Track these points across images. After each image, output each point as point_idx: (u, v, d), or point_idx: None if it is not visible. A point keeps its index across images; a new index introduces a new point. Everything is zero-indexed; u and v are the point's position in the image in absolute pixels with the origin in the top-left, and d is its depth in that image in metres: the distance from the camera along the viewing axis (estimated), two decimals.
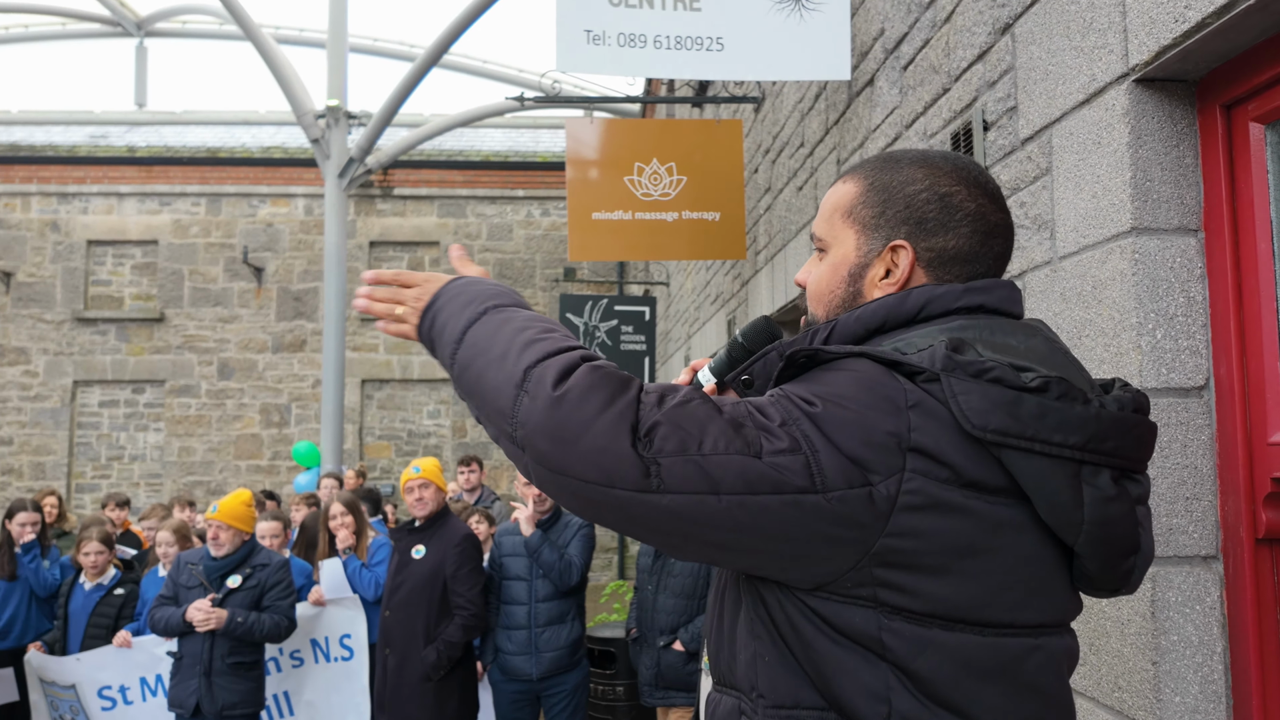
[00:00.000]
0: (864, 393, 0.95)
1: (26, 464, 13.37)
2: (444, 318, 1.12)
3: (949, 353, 0.96)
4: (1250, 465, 1.67)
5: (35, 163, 13.77)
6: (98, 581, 5.35)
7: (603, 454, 0.90)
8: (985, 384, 0.95)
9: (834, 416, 0.93)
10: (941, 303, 1.08)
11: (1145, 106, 1.78)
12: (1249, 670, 1.66)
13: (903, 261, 1.12)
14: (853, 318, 1.09)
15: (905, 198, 1.13)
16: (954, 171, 1.14)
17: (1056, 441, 0.95)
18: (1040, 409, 0.95)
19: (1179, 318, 1.75)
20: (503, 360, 0.99)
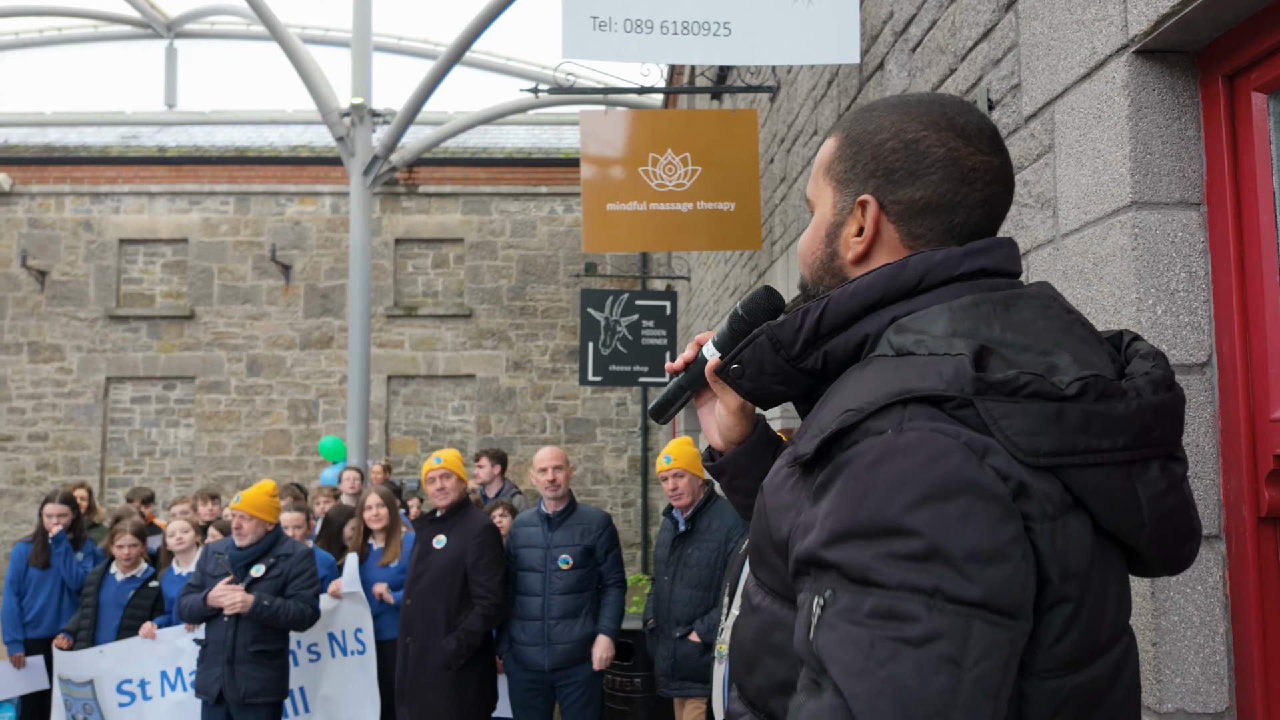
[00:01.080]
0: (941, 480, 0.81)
1: (61, 459, 13.62)
2: None
3: (978, 374, 0.86)
4: (1253, 442, 1.64)
5: (68, 163, 14.01)
6: (130, 574, 5.44)
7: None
8: (1023, 401, 0.86)
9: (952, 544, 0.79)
10: (942, 270, 0.99)
11: (1145, 78, 1.75)
12: (1251, 651, 1.63)
13: (869, 216, 1.04)
14: (846, 294, 1.00)
15: (873, 148, 1.05)
16: (925, 115, 1.04)
17: (1106, 448, 0.89)
18: (1084, 417, 0.88)
19: (1180, 293, 1.72)
20: None
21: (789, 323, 1.03)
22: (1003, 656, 0.78)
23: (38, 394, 13.70)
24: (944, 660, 0.75)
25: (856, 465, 0.84)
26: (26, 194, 13.92)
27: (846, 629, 0.79)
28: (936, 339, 0.92)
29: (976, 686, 0.76)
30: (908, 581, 0.78)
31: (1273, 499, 1.60)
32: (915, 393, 0.86)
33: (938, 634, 0.76)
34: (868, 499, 0.82)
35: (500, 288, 13.92)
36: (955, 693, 0.75)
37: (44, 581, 5.71)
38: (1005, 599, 0.78)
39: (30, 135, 14.83)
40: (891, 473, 0.82)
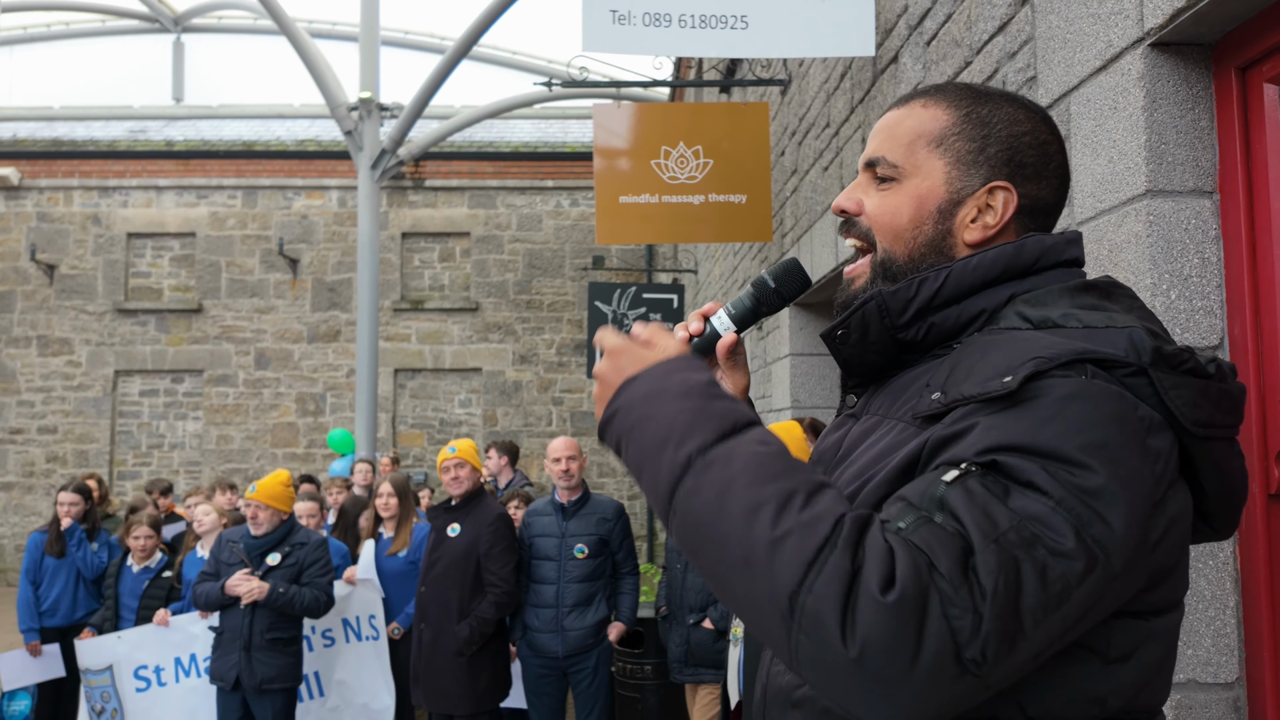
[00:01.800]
0: (1121, 438, 0.85)
1: (70, 452, 13.71)
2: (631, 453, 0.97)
3: (1155, 344, 0.91)
4: (1264, 422, 1.70)
5: (77, 157, 14.08)
6: (145, 564, 5.50)
7: (930, 694, 0.77)
8: (1185, 375, 0.92)
9: (1114, 493, 0.83)
10: (1052, 254, 1.04)
11: (1160, 70, 1.80)
12: (1261, 624, 1.68)
13: (1001, 205, 1.05)
14: (970, 267, 1.01)
15: (1009, 137, 1.06)
16: (1047, 120, 1.10)
17: (1229, 424, 0.96)
18: (1220, 395, 0.95)
19: (1193, 278, 1.77)
20: (747, 567, 0.82)
21: (901, 291, 1.03)
22: (1094, 603, 0.84)
23: (47, 387, 13.78)
24: (1065, 583, 0.80)
25: (1048, 397, 0.86)
26: (35, 188, 13.99)
27: (987, 500, 0.81)
28: (1084, 314, 0.97)
29: (1074, 615, 0.82)
30: (1068, 503, 0.82)
31: None
32: (1094, 354, 0.89)
33: (1074, 558, 0.80)
34: (1052, 425, 0.85)
35: (506, 281, 13.98)
36: (1058, 609, 0.80)
37: (59, 571, 5.77)
38: (1124, 561, 0.84)
39: (39, 130, 14.90)
40: (1082, 410, 0.85)
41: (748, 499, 0.83)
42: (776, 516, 0.82)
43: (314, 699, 5.42)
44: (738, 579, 0.83)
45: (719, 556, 0.84)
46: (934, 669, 0.76)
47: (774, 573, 0.80)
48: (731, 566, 0.83)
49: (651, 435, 0.93)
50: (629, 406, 0.97)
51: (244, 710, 4.70)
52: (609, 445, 1.01)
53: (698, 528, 0.87)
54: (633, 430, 0.96)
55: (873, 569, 0.78)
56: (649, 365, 1.00)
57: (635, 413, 0.96)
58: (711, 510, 0.85)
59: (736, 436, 0.90)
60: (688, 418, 0.92)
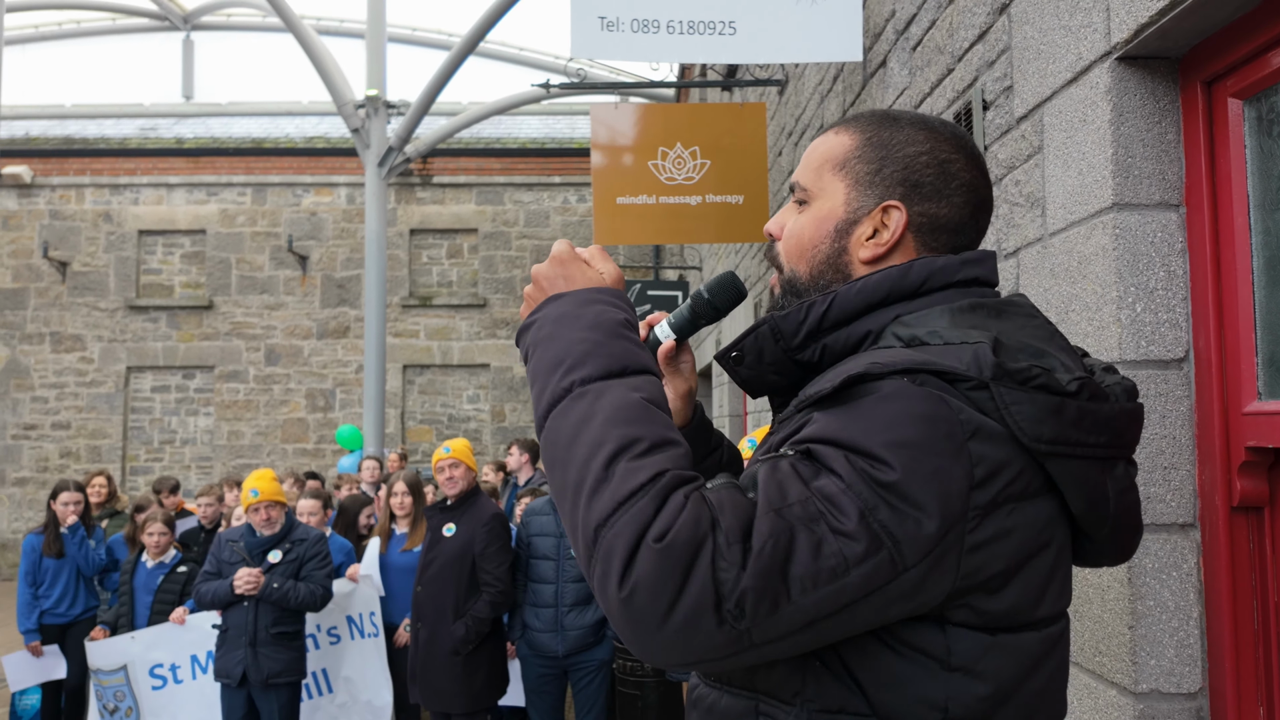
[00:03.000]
0: (928, 437, 0.89)
1: (83, 447, 13.85)
2: (532, 364, 1.03)
3: (997, 359, 0.93)
4: (1227, 435, 1.71)
5: (88, 155, 14.19)
6: (159, 560, 5.57)
7: (687, 640, 0.83)
8: (1032, 391, 0.93)
9: (908, 488, 0.87)
10: (941, 275, 1.06)
11: (1127, 84, 1.81)
12: (1223, 634, 1.70)
13: (894, 223, 1.09)
14: (853, 291, 1.05)
15: (905, 158, 1.10)
16: (953, 139, 1.12)
17: (1091, 443, 0.97)
18: (1079, 413, 0.95)
19: (1159, 291, 1.78)
20: (577, 493, 0.90)
21: (792, 315, 1.07)
22: (881, 588, 0.87)
23: (60, 383, 13.92)
24: (841, 559, 0.85)
25: (867, 397, 0.92)
26: (47, 186, 14.12)
27: (788, 477, 0.89)
28: (949, 331, 0.99)
29: (850, 594, 0.86)
30: (857, 487, 0.87)
31: (1244, 489, 1.67)
32: (934, 366, 0.93)
33: (855, 538, 0.85)
34: (862, 421, 0.90)
35: (514, 277, 14.01)
36: (828, 583, 0.85)
37: (60, 570, 5.84)
38: (913, 553, 0.87)
39: (50, 128, 15.02)
40: (893, 410, 0.90)
41: (597, 434, 0.91)
42: (613, 456, 0.89)
43: (322, 695, 5.48)
44: (569, 502, 0.91)
45: (562, 478, 0.92)
46: (692, 614, 0.82)
47: (592, 505, 0.87)
48: (567, 489, 0.91)
49: (551, 355, 1.00)
50: (544, 321, 1.05)
51: (249, 706, 4.77)
52: (521, 349, 1.07)
53: (554, 447, 0.95)
54: (539, 345, 1.03)
55: (662, 519, 0.85)
56: (577, 288, 1.07)
57: (546, 329, 1.03)
58: (568, 436, 0.93)
59: (618, 378, 0.97)
60: (585, 348, 0.99)
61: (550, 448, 0.96)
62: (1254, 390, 1.66)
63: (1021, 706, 0.98)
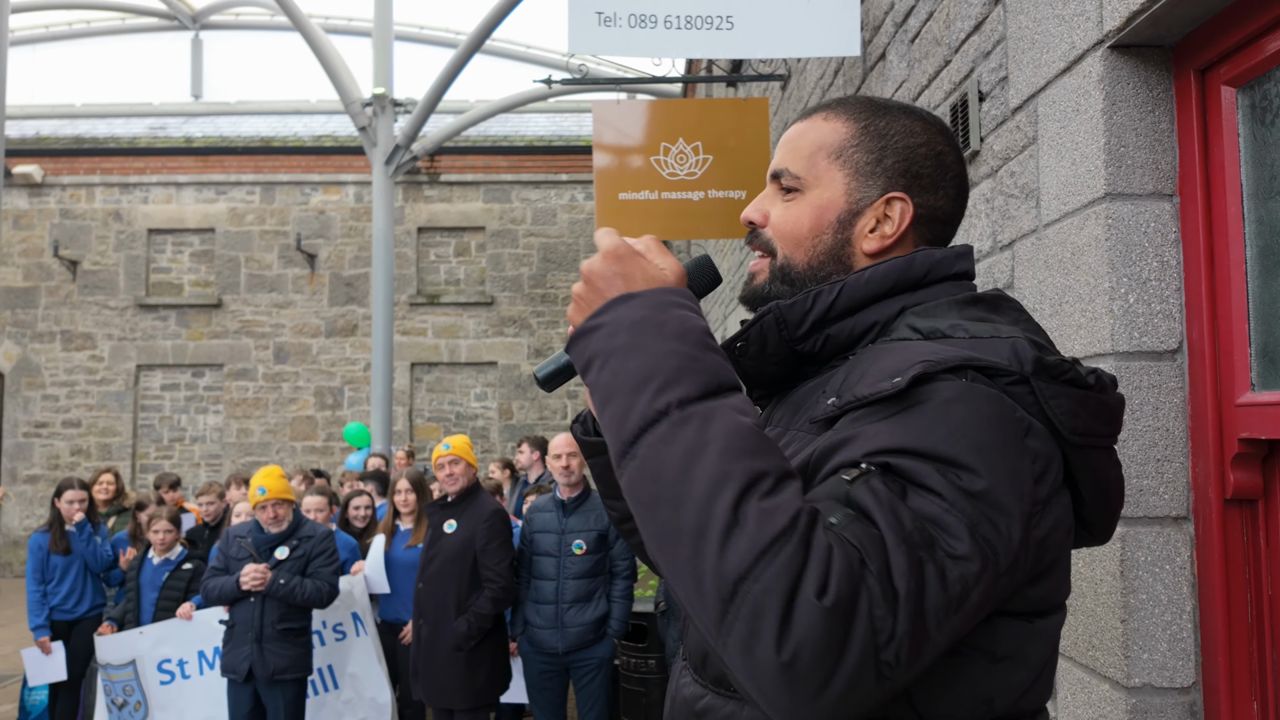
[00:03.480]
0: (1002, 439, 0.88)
1: (94, 445, 13.93)
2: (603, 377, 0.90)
3: (1037, 354, 0.94)
4: (1220, 427, 1.69)
5: (98, 154, 14.26)
6: (165, 557, 5.60)
7: (846, 702, 0.77)
8: (1065, 385, 0.94)
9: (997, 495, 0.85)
10: (941, 268, 1.06)
11: (1120, 73, 1.79)
12: (1216, 628, 1.68)
13: (898, 215, 1.08)
14: (861, 281, 1.04)
15: (905, 149, 1.09)
16: (943, 131, 1.13)
17: (1105, 433, 0.99)
18: (1098, 406, 0.97)
19: (1152, 282, 1.77)
20: (698, 538, 0.79)
21: (798, 304, 1.05)
22: (986, 601, 0.86)
23: (70, 381, 14.00)
24: (964, 584, 0.82)
25: (932, 400, 0.88)
26: (58, 185, 14.19)
27: (891, 500, 0.82)
28: (973, 325, 0.99)
29: (969, 614, 0.84)
30: (960, 504, 0.83)
31: (1238, 481, 1.65)
32: (978, 362, 0.91)
33: (970, 559, 0.82)
34: (937, 429, 0.86)
35: (521, 275, 14.03)
36: (957, 610, 0.82)
37: (69, 567, 5.87)
38: (1010, 559, 0.86)
39: (61, 127, 15.11)
40: (965, 414, 0.87)
41: (717, 469, 0.80)
42: (741, 495, 0.79)
43: (328, 692, 5.50)
44: (685, 546, 0.80)
45: (671, 517, 0.81)
46: (856, 672, 0.76)
47: (725, 554, 0.78)
48: (682, 532, 0.80)
49: (634, 369, 0.87)
50: (616, 327, 0.91)
51: (255, 702, 4.79)
52: (577, 358, 0.94)
53: (656, 480, 0.83)
54: (613, 355, 0.90)
55: (814, 569, 0.77)
56: (647, 289, 0.94)
57: (620, 337, 0.90)
58: (677, 468, 0.82)
59: (720, 398, 0.86)
60: (677, 362, 0.87)
61: (649, 482, 0.83)
62: (1247, 381, 1.65)
63: (1046, 685, 1.00)
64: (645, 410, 0.85)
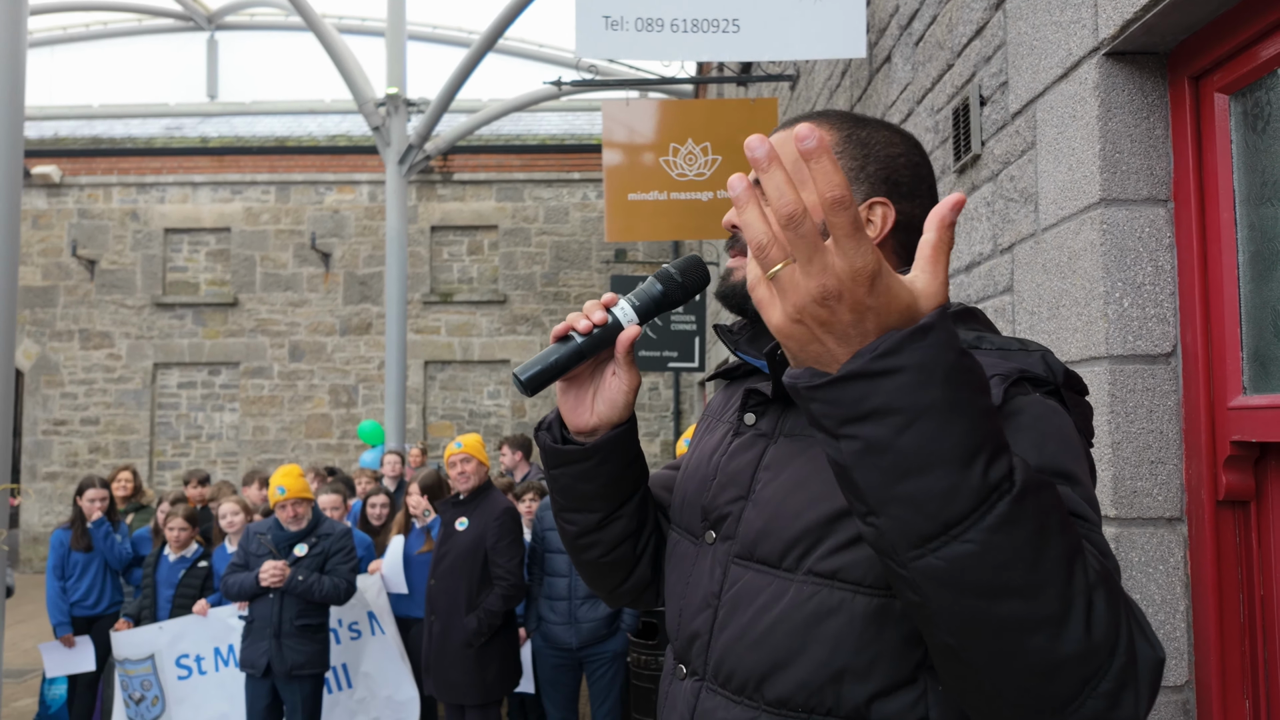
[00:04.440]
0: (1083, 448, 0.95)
1: (112, 442, 14.08)
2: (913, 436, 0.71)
3: (1066, 367, 1.00)
4: (1213, 429, 1.72)
5: (115, 155, 14.40)
6: (181, 554, 5.67)
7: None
8: (1077, 395, 1.00)
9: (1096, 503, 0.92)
10: None
11: (1115, 80, 1.81)
12: (1209, 628, 1.71)
13: (880, 219, 1.09)
14: None
15: (886, 158, 1.12)
16: (916, 145, 1.16)
17: (1090, 437, 1.04)
18: (1089, 410, 1.03)
19: (1147, 286, 1.79)
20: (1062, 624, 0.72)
21: None
22: None
23: (89, 379, 14.16)
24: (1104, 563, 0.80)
25: (1027, 414, 0.91)
26: (76, 185, 14.35)
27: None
28: (994, 336, 1.03)
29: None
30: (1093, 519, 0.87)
31: (1230, 483, 1.67)
32: (1029, 374, 0.96)
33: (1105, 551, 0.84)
34: (1051, 443, 0.90)
35: (534, 274, 14.08)
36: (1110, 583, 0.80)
37: (89, 564, 5.96)
38: None
39: (79, 128, 15.26)
40: (1055, 428, 0.92)
41: (1066, 542, 0.73)
42: (1086, 564, 0.74)
43: (342, 690, 5.56)
44: (1043, 636, 0.72)
45: (1024, 609, 0.71)
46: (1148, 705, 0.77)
47: (1093, 632, 0.72)
48: (1040, 622, 0.72)
49: (959, 434, 0.71)
50: (927, 376, 0.71)
51: (273, 696, 4.86)
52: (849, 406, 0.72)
53: (1005, 568, 0.71)
54: (926, 414, 0.70)
55: (1141, 626, 0.76)
56: (938, 317, 0.72)
57: (935, 390, 0.71)
58: (1029, 553, 0.71)
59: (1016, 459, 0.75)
60: (992, 425, 0.73)
61: (993, 571, 0.71)
62: (1239, 385, 1.67)
63: None
64: (980, 487, 0.71)
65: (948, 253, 0.76)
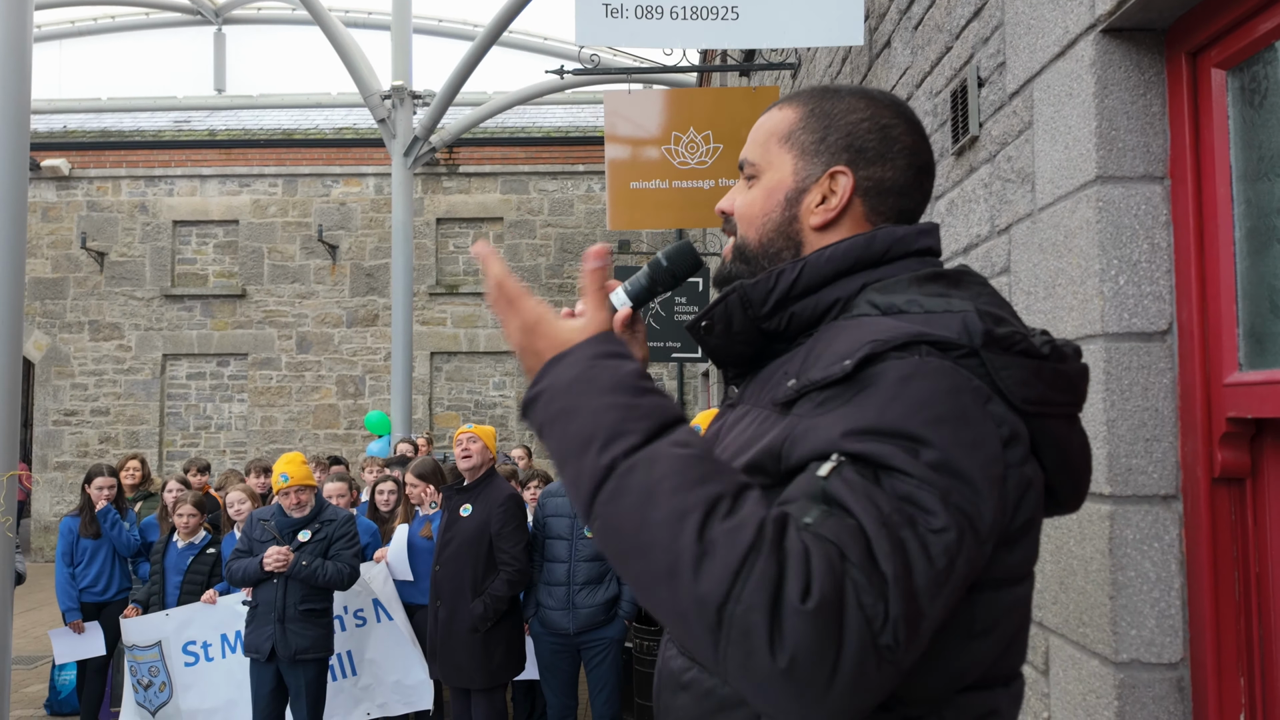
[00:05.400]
0: (961, 409, 0.90)
1: (122, 433, 14.17)
2: (553, 444, 0.93)
3: (986, 327, 0.96)
4: (1208, 407, 1.71)
5: (124, 147, 14.46)
6: (190, 541, 5.71)
7: (856, 691, 0.78)
8: (1016, 356, 0.96)
9: (959, 465, 0.87)
10: (903, 245, 1.09)
11: (1111, 56, 1.81)
12: (1204, 605, 1.71)
13: (841, 188, 1.11)
14: (823, 259, 1.07)
15: (847, 125, 1.12)
16: (892, 106, 1.15)
17: (1062, 402, 1.01)
18: (1053, 375, 0.99)
19: (1142, 264, 1.79)
20: (672, 577, 0.81)
21: (761, 283, 1.08)
22: (971, 570, 0.88)
23: (99, 370, 14.24)
24: (949, 556, 0.84)
25: (885, 379, 0.90)
26: (85, 178, 14.41)
27: (866, 487, 0.84)
28: (928, 300, 1.01)
29: (956, 584, 0.86)
30: (929, 478, 0.85)
31: (1225, 460, 1.67)
32: (929, 337, 0.94)
33: (948, 530, 0.84)
34: (892, 407, 0.88)
35: (539, 266, 14.10)
36: (946, 582, 0.84)
37: (98, 551, 6.00)
38: (987, 524, 0.89)
39: (88, 121, 15.33)
40: (918, 390, 0.89)
41: (672, 506, 0.82)
42: (702, 524, 0.80)
43: (346, 678, 5.58)
44: (663, 589, 0.81)
45: (642, 566, 0.83)
46: (858, 664, 0.77)
47: (700, 584, 0.79)
48: (656, 577, 0.81)
49: (575, 431, 0.90)
50: (553, 392, 0.93)
51: (277, 681, 4.89)
52: (531, 427, 0.97)
53: (619, 535, 0.84)
54: (556, 421, 0.92)
55: (794, 574, 0.78)
56: (574, 345, 0.96)
57: (559, 401, 0.93)
58: (635, 519, 0.83)
59: (661, 437, 0.88)
60: (614, 415, 0.89)
61: (613, 538, 0.85)
62: (1235, 361, 1.66)
63: (1018, 652, 1.03)
64: (594, 470, 0.87)
65: (598, 290, 1.02)
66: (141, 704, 5.49)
